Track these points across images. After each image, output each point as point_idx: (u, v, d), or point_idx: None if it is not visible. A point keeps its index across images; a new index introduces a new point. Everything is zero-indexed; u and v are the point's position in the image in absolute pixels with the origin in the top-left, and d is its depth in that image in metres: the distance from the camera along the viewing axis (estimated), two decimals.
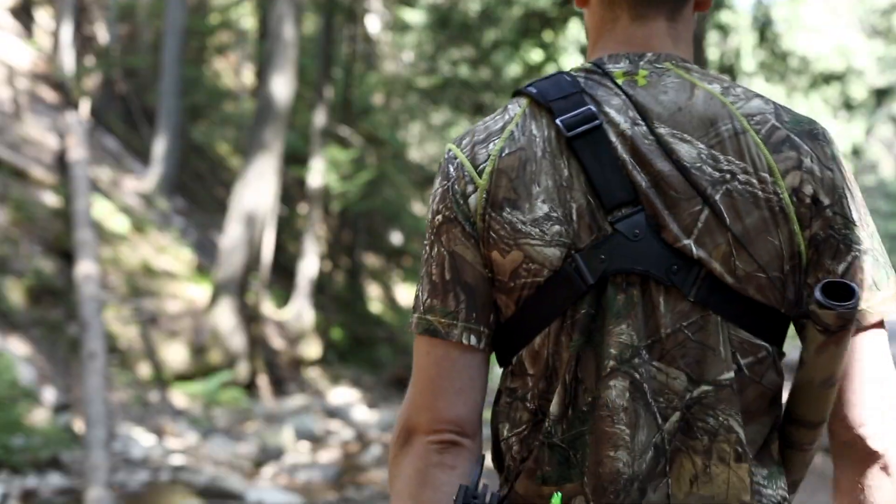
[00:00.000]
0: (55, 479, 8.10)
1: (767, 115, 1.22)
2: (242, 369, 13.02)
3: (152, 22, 19.52)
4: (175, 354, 12.53)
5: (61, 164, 13.64)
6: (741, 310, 1.19)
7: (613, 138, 1.21)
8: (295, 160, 17.44)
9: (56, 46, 17.79)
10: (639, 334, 1.18)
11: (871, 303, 1.21)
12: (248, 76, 23.35)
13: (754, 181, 1.18)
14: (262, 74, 13.56)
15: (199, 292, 13.78)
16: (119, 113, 20.90)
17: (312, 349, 15.56)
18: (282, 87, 13.11)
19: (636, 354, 1.18)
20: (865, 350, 1.22)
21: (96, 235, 13.16)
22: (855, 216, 1.22)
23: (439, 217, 1.27)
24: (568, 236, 1.20)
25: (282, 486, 8.64)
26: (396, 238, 23.50)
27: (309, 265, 15.80)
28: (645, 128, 1.20)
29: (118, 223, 13.75)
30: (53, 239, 12.22)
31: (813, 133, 1.22)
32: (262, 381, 13.86)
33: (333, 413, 13.03)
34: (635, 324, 1.18)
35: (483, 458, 1.24)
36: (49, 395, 10.07)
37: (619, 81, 1.24)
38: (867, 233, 1.23)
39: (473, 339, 1.24)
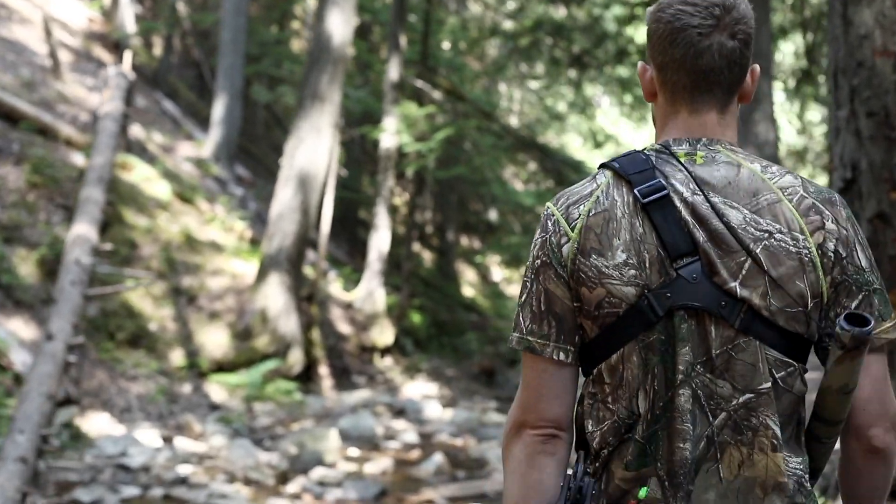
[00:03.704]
0: None
1: (797, 188, 1.63)
2: (295, 358, 11.13)
3: None
4: (214, 339, 10.74)
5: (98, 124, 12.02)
6: (774, 335, 1.58)
7: (678, 204, 1.60)
8: (369, 120, 15.53)
9: (114, 5, 16.37)
10: (696, 354, 1.58)
11: (877, 330, 1.61)
12: None
13: (788, 239, 1.58)
14: (318, 11, 11.59)
15: (248, 268, 11.96)
16: (191, 79, 19.45)
17: (385, 335, 13.59)
18: (339, 24, 11.13)
19: (694, 369, 1.58)
20: (872, 368, 1.62)
21: (135, 203, 11.50)
22: (865, 264, 1.62)
23: (538, 261, 1.66)
24: (642, 279, 1.59)
25: None
26: (493, 215, 21.40)
27: (381, 239, 13.84)
28: (702, 196, 1.60)
29: (159, 189, 12.03)
30: (77, 205, 10.54)
31: (832, 200, 1.64)
32: (323, 372, 11.99)
33: (400, 411, 11.04)
34: (693, 346, 1.58)
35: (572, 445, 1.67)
36: None
37: (682, 160, 1.64)
38: (875, 276, 1.63)
39: (562, 356, 1.64)
